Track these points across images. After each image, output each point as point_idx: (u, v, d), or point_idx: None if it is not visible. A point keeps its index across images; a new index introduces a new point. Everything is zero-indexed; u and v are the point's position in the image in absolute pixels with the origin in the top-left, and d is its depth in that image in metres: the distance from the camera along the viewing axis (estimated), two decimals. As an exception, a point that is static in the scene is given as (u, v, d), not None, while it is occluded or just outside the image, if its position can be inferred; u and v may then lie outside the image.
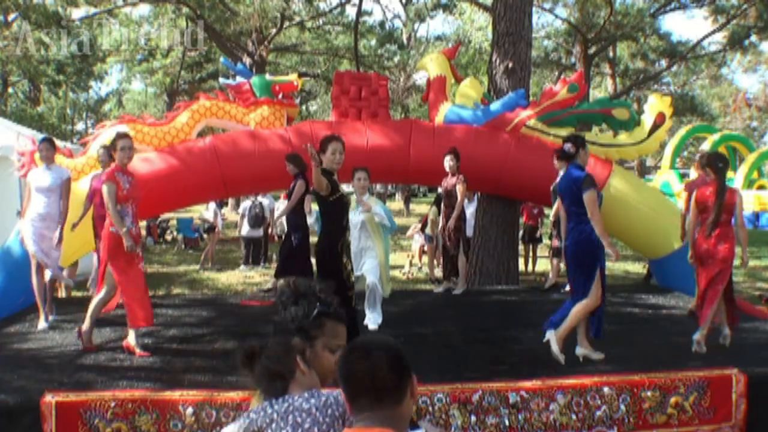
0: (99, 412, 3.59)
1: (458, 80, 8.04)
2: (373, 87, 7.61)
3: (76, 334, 4.81)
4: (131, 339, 4.69)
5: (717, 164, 4.82)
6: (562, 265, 6.11)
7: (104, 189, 4.59)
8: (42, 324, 5.47)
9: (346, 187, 6.71)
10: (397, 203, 28.29)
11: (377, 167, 6.38)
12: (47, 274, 5.75)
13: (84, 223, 6.09)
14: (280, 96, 7.58)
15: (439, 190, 7.75)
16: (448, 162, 6.84)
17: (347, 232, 4.52)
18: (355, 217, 5.58)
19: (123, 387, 3.87)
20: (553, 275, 7.64)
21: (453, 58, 8.11)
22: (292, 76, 7.94)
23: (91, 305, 4.80)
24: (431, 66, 7.96)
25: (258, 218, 11.82)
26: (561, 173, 6.78)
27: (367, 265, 5.52)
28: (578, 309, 4.45)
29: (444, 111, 7.61)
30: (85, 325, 4.75)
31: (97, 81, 36.61)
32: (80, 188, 6.43)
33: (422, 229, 11.29)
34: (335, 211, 4.34)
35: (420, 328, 5.50)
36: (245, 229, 11.90)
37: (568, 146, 4.61)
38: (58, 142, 7.58)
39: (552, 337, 4.46)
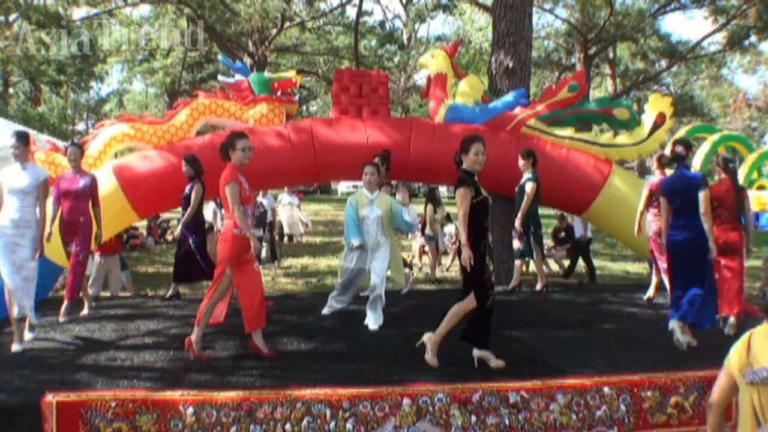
0: (100, 412, 3.59)
1: (459, 77, 8.04)
2: (374, 84, 7.61)
3: (185, 345, 4.55)
4: (257, 340, 4.60)
5: (728, 165, 5.47)
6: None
7: (227, 189, 4.41)
8: (16, 346, 4.77)
9: (344, 186, 6.76)
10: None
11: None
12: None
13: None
14: (279, 93, 7.59)
15: (442, 188, 7.65)
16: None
17: (489, 233, 4.42)
18: (371, 212, 5.54)
19: (124, 387, 3.87)
20: (516, 276, 7.36)
21: (454, 54, 8.10)
22: (291, 73, 7.94)
23: (203, 312, 4.53)
24: (432, 63, 7.95)
25: (260, 218, 11.85)
26: (529, 174, 6.74)
27: (375, 264, 5.49)
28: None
29: (444, 109, 7.61)
30: (195, 335, 4.51)
31: (98, 81, 36.65)
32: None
33: (422, 230, 11.30)
34: (479, 212, 4.24)
35: (420, 328, 5.48)
36: None
37: (680, 149, 4.94)
38: (59, 143, 7.59)
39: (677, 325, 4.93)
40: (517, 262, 7.39)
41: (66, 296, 5.71)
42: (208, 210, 12.76)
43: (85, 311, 6.01)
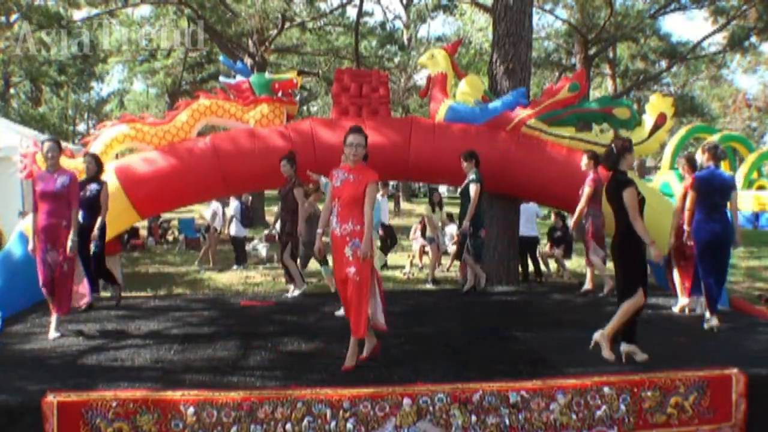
0: (100, 411, 3.59)
1: (460, 77, 8.05)
2: (374, 84, 7.60)
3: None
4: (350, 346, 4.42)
5: (695, 165, 5.89)
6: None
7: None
8: None
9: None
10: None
11: (377, 164, 6.40)
12: None
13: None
14: (280, 94, 7.60)
15: (442, 188, 7.62)
16: (282, 167, 6.55)
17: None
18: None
19: (124, 387, 3.87)
20: (471, 277, 7.26)
21: (454, 54, 8.10)
22: (292, 74, 7.96)
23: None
24: (432, 63, 7.95)
25: (249, 219, 12.11)
26: (473, 175, 6.81)
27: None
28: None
29: (445, 109, 7.62)
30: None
31: (99, 82, 36.68)
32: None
33: (422, 232, 11.31)
34: (641, 210, 4.42)
35: (420, 328, 5.51)
36: (237, 230, 12.00)
37: (722, 149, 5.44)
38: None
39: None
40: (470, 261, 7.29)
41: (54, 310, 5.17)
42: (209, 210, 12.79)
43: (52, 333, 5.13)
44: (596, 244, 6.83)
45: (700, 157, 5.67)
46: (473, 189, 6.74)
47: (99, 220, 5.95)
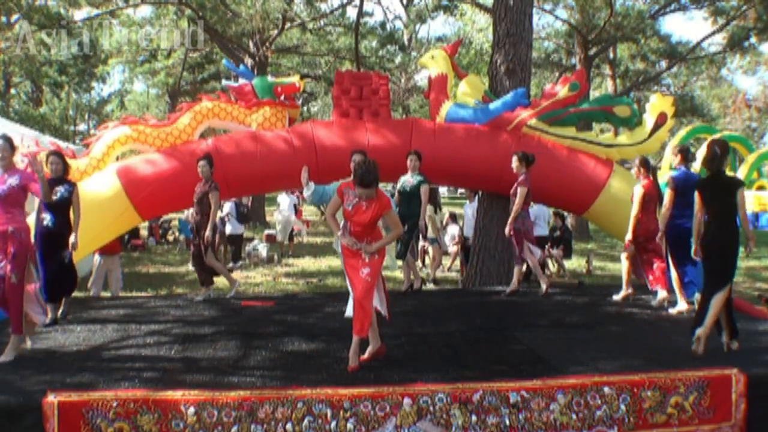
0: (101, 411, 3.60)
1: (460, 77, 8.06)
2: (374, 86, 7.62)
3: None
4: (352, 347, 4.40)
5: (649, 167, 6.33)
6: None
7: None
8: None
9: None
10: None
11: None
12: None
13: (88, 224, 5.88)
14: (282, 97, 7.61)
15: (442, 189, 7.59)
16: (200, 168, 6.43)
17: None
18: None
19: (125, 387, 3.88)
20: (409, 275, 7.29)
21: (454, 54, 8.12)
22: (294, 78, 7.98)
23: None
24: (432, 63, 7.97)
25: (244, 216, 12.39)
26: (421, 177, 6.80)
27: None
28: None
29: (445, 110, 7.64)
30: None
31: (99, 82, 36.70)
32: (87, 189, 6.45)
33: (424, 234, 11.30)
34: None
35: (421, 328, 5.52)
36: (233, 228, 12.08)
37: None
38: (60, 143, 7.61)
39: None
40: (410, 260, 7.32)
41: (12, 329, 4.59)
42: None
43: (27, 344, 4.73)
44: (531, 244, 6.85)
45: (674, 159, 6.02)
46: (425, 189, 6.74)
47: (75, 225, 5.53)
